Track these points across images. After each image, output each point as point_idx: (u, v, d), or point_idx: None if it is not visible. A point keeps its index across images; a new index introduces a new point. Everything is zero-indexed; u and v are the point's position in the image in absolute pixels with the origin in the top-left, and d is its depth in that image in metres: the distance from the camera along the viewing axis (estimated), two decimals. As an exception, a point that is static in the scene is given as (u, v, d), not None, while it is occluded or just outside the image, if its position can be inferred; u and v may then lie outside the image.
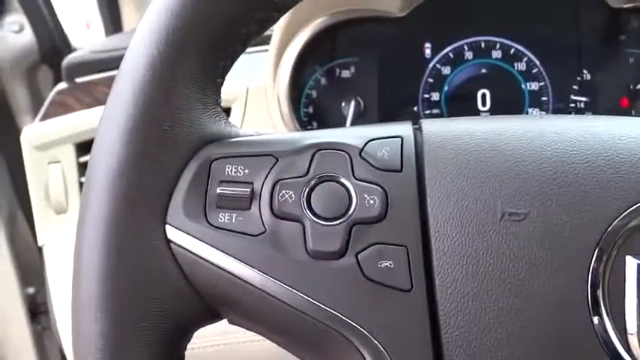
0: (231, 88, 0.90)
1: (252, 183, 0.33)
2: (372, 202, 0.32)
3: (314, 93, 0.91)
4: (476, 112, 0.89)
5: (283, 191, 0.33)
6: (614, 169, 0.31)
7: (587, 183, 0.30)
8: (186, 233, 0.32)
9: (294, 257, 0.32)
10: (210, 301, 0.33)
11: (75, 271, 0.32)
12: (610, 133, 0.32)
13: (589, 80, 0.86)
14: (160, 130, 0.32)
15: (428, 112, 0.90)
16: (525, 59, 0.88)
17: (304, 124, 0.91)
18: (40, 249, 0.90)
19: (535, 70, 0.88)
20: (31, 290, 1.38)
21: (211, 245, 0.32)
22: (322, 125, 0.91)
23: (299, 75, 0.89)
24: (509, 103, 0.88)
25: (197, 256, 0.32)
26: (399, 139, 0.34)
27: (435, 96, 0.90)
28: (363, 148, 0.33)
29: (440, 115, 0.90)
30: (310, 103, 0.91)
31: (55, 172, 0.80)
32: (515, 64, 0.88)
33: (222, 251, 0.32)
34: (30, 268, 1.28)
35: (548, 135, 0.33)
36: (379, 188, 0.32)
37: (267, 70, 0.89)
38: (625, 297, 0.29)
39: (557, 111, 0.87)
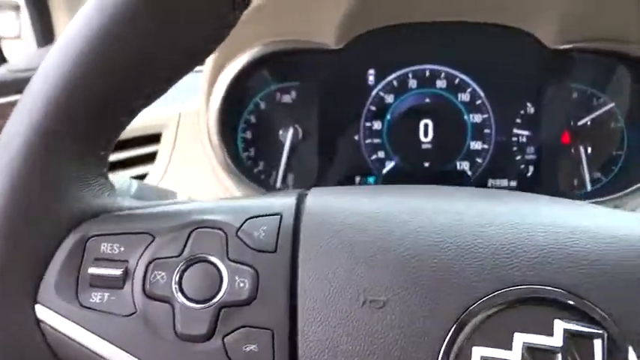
0: (162, 113, 0.87)
1: (127, 261, 0.33)
2: (242, 284, 0.32)
3: (253, 118, 0.89)
4: (418, 143, 0.89)
5: (156, 272, 0.33)
6: (470, 259, 0.31)
7: (443, 273, 0.31)
8: (57, 312, 0.32)
9: (163, 339, 0.32)
10: None
11: None
12: (475, 222, 0.33)
13: (532, 114, 0.87)
14: (34, 209, 0.32)
15: (369, 141, 0.89)
16: (469, 90, 0.88)
17: (234, 154, 0.87)
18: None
19: (479, 102, 0.88)
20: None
21: (81, 325, 0.32)
22: (260, 152, 0.90)
23: (237, 100, 0.87)
24: (451, 135, 0.89)
25: (66, 336, 0.32)
26: (278, 216, 0.34)
27: (377, 125, 0.89)
28: (240, 226, 0.34)
29: (381, 145, 0.89)
30: (249, 129, 0.90)
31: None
32: (460, 95, 0.88)
33: (91, 331, 0.32)
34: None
35: (418, 219, 0.33)
36: (251, 270, 0.32)
37: (201, 94, 0.86)
38: None
39: (499, 144, 0.88)
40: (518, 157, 0.88)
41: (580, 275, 0.30)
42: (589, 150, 0.86)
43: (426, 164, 0.89)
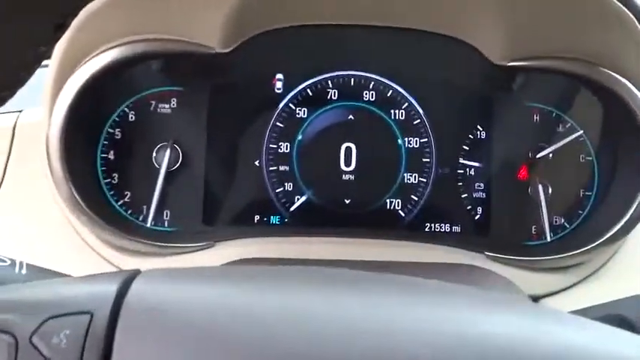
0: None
1: None
2: None
3: (118, 133, 0.73)
4: (337, 173, 0.74)
5: None
6: None
7: None
8: None
9: None
10: None
11: None
12: (337, 328, 0.30)
13: (482, 141, 0.75)
14: None
15: (274, 168, 0.74)
16: (405, 106, 0.75)
17: (90, 182, 0.71)
18: None
19: (417, 122, 0.75)
20: None
21: None
22: (127, 179, 0.73)
23: (94, 110, 0.71)
24: (380, 164, 0.75)
25: None
26: (88, 315, 0.30)
27: (285, 147, 0.75)
28: (36, 329, 0.30)
29: (290, 174, 0.75)
30: (112, 147, 0.73)
31: None
32: (392, 112, 0.75)
33: None
34: None
35: (264, 326, 0.30)
36: None
37: (44, 101, 0.68)
38: None
39: (441, 177, 0.75)
40: (464, 196, 0.76)
41: None
42: (550, 189, 0.75)
43: (347, 201, 0.75)
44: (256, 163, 0.75)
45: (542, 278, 0.71)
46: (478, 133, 0.76)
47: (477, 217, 0.76)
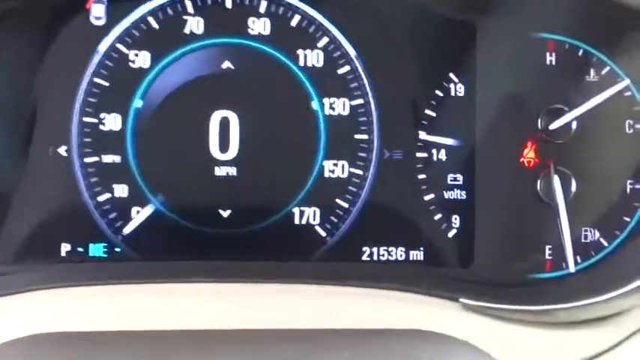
0: None
1: None
2: None
3: None
4: (207, 165, 0.57)
5: None
6: None
7: None
8: None
9: None
10: None
11: None
12: None
13: (460, 99, 0.60)
14: None
15: (93, 159, 0.57)
16: (325, 43, 0.58)
17: None
18: None
19: (345, 70, 0.58)
20: None
21: None
22: None
23: None
24: (281, 148, 0.58)
25: None
26: None
27: (113, 121, 0.57)
28: None
29: (121, 170, 0.57)
30: None
31: None
32: (302, 54, 0.59)
33: None
34: None
35: None
36: None
37: None
38: None
39: (388, 168, 0.59)
40: (430, 197, 0.60)
41: None
42: (574, 182, 0.59)
43: (225, 213, 0.58)
44: (61, 150, 0.58)
45: (559, 339, 0.56)
46: (451, 87, 0.61)
47: (450, 234, 0.60)
